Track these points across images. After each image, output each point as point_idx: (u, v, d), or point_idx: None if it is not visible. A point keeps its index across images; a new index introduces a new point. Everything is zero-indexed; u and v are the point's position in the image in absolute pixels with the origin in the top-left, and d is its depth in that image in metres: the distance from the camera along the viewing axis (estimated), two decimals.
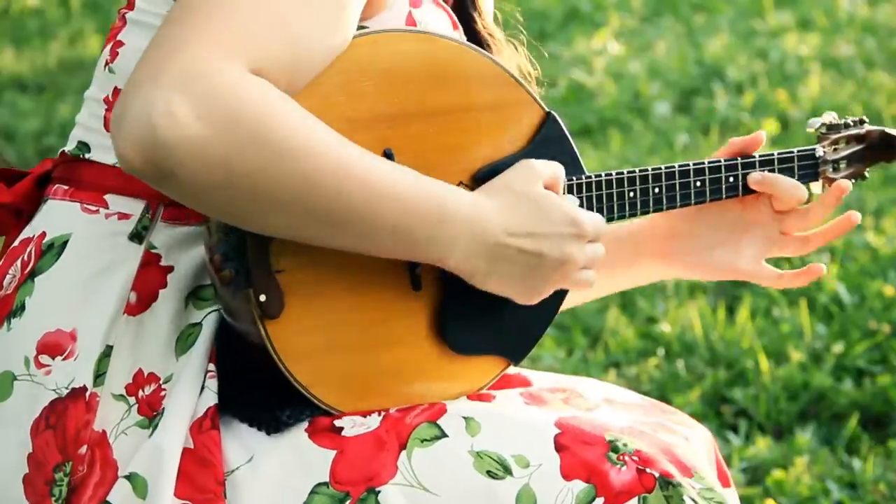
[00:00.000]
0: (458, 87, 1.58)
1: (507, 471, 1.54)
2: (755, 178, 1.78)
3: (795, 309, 3.62)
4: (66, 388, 1.53)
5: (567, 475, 1.54)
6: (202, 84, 1.34)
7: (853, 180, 1.88)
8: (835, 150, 1.87)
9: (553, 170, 1.58)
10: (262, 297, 1.48)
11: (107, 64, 1.61)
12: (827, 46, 5.91)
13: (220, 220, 1.48)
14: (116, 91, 1.59)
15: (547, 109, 1.64)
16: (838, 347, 3.41)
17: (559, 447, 1.56)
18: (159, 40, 1.39)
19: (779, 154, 1.81)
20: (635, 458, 1.56)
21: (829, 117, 1.88)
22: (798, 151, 1.82)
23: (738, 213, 1.82)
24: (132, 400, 1.54)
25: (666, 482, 1.55)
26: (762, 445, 3.07)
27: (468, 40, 1.73)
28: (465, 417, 1.57)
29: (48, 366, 1.54)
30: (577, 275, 1.58)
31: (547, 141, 1.64)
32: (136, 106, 1.34)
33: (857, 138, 1.89)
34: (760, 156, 1.79)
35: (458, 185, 1.59)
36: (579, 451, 1.56)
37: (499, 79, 1.61)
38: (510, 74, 1.62)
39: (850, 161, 1.88)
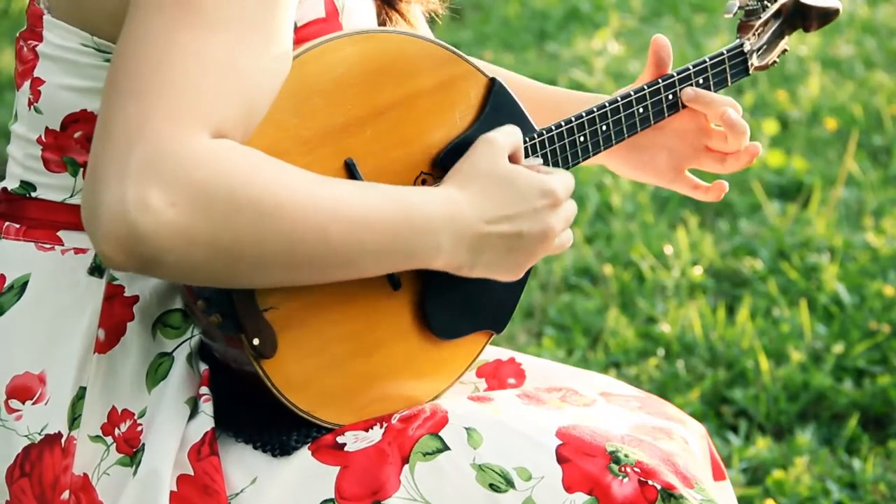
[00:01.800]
0: (401, 78, 1.56)
1: (510, 484, 1.53)
2: (688, 94, 1.82)
3: (795, 309, 3.62)
4: (40, 434, 1.50)
5: (569, 487, 1.54)
6: (168, 168, 1.30)
7: (777, 60, 1.92)
8: (758, 36, 1.89)
9: (512, 139, 1.58)
10: (256, 341, 1.47)
11: (31, 103, 1.57)
12: (827, 46, 5.91)
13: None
14: (48, 131, 1.56)
15: (490, 76, 1.63)
16: (838, 347, 3.41)
17: (561, 459, 1.55)
18: (112, 117, 1.33)
19: (710, 60, 1.84)
20: (637, 469, 1.56)
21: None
22: (727, 51, 1.86)
23: (668, 121, 1.84)
24: (109, 440, 1.51)
25: (668, 494, 1.55)
26: (762, 445, 3.07)
27: None
28: (466, 428, 1.57)
29: (19, 410, 1.51)
30: (558, 240, 1.59)
31: (496, 108, 1.63)
32: (108, 202, 1.30)
33: (775, 15, 1.91)
34: (693, 65, 1.83)
35: (420, 175, 1.58)
36: (581, 463, 1.55)
37: (438, 57, 1.59)
38: (448, 49, 1.60)
39: (773, 41, 1.91)
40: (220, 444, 1.53)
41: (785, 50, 1.93)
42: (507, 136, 1.58)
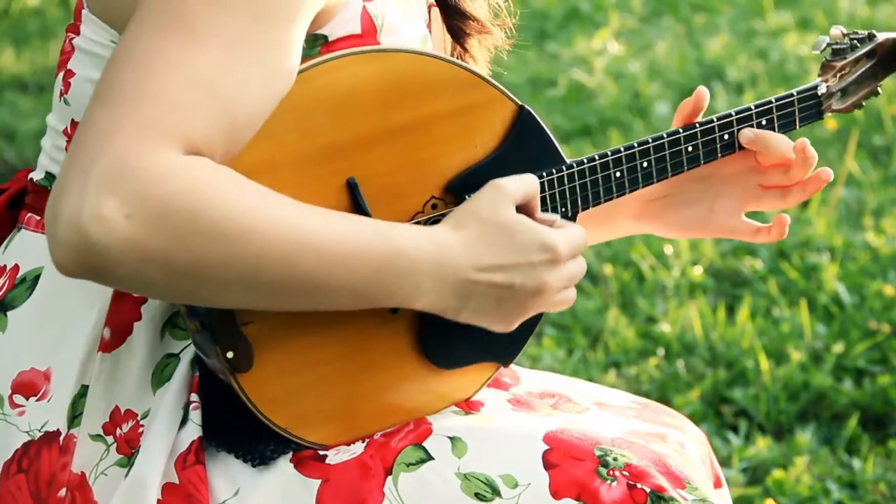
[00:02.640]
0: (418, 100, 1.50)
1: (496, 492, 1.51)
2: (747, 136, 1.72)
3: (795, 309, 3.62)
4: (39, 431, 1.50)
5: (556, 493, 1.51)
6: (130, 180, 1.28)
7: (863, 103, 1.80)
8: (841, 77, 1.78)
9: (525, 188, 1.50)
10: (230, 354, 1.44)
11: (62, 94, 1.57)
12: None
13: None
14: (74, 123, 1.56)
15: (519, 103, 1.57)
16: (838, 347, 3.41)
17: (548, 465, 1.53)
18: (87, 126, 1.32)
19: (777, 100, 1.73)
20: (626, 472, 1.53)
21: (837, 32, 1.77)
22: (798, 93, 1.75)
23: (713, 168, 1.76)
24: (110, 439, 1.51)
25: (657, 497, 1.53)
26: (762, 445, 3.07)
27: None
28: (450, 437, 1.54)
29: (22, 406, 1.51)
30: (554, 298, 1.52)
31: (521, 137, 1.56)
32: (66, 211, 1.29)
33: (868, 54, 1.78)
34: (756, 105, 1.72)
35: (430, 199, 1.54)
36: (569, 468, 1.52)
37: (460, 80, 1.53)
38: (473, 73, 1.54)
39: (861, 82, 1.79)
40: (206, 454, 1.51)
41: (876, 93, 1.80)
42: (518, 185, 1.50)
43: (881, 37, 1.79)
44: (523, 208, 1.51)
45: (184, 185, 1.30)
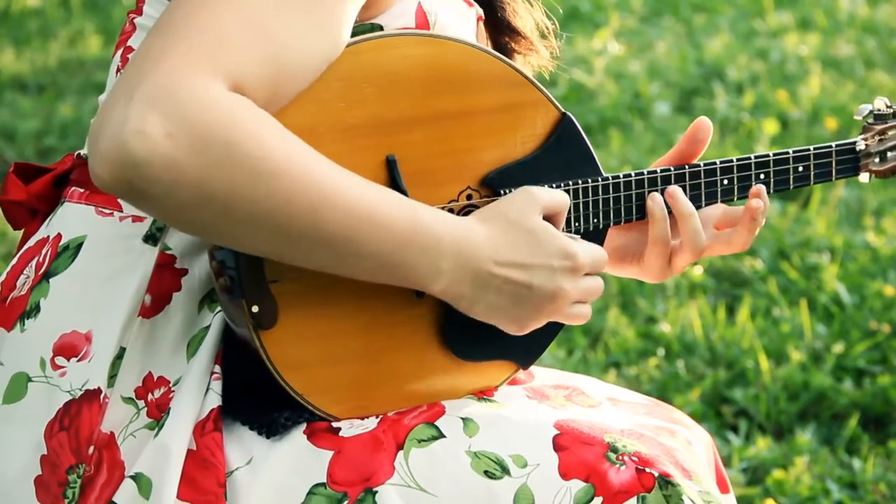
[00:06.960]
0: (465, 90, 1.54)
1: (505, 470, 1.53)
2: (667, 193, 1.67)
3: (795, 309, 3.62)
4: (80, 390, 1.52)
5: (565, 474, 1.53)
6: (175, 101, 1.32)
7: None
8: (881, 140, 1.81)
9: (555, 201, 1.55)
10: (255, 309, 1.47)
11: (118, 70, 1.61)
12: (827, 46, 5.91)
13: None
14: None
15: (562, 110, 1.61)
16: (838, 347, 3.41)
17: (558, 447, 1.55)
18: (140, 53, 1.37)
19: (815, 149, 1.74)
20: (635, 458, 1.55)
21: (881, 103, 1.82)
22: (836, 146, 1.76)
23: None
24: (141, 403, 1.53)
25: (665, 482, 1.55)
26: (762, 445, 3.07)
27: (481, 3, 1.70)
28: (462, 418, 1.56)
29: (63, 367, 1.54)
30: (570, 308, 1.55)
31: (560, 143, 1.60)
32: (111, 122, 1.32)
33: None
34: (794, 151, 1.73)
35: (466, 189, 1.57)
36: (578, 451, 1.55)
37: (509, 80, 1.57)
38: (522, 74, 1.58)
39: None
40: (223, 423, 1.54)
41: None
42: (549, 197, 1.55)
43: None
44: (548, 219, 1.55)
45: (226, 116, 1.34)
